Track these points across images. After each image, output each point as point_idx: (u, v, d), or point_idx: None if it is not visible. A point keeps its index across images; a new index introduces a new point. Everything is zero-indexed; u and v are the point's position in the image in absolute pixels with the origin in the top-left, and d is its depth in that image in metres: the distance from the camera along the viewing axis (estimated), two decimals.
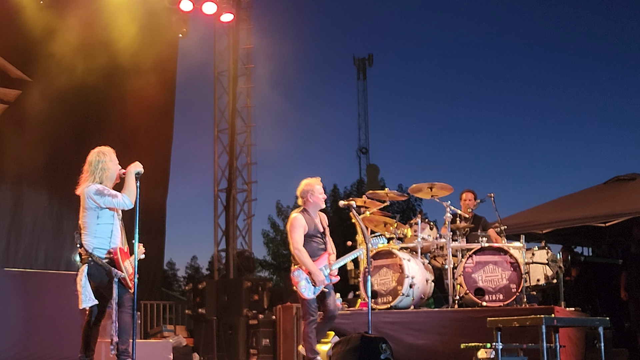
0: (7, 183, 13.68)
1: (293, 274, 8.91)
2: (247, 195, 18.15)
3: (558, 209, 15.23)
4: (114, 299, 7.69)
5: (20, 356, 10.49)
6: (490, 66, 57.12)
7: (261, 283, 15.52)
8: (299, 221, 8.98)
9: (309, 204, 9.18)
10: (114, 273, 7.68)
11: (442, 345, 9.73)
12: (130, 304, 7.80)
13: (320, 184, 9.28)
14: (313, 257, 8.93)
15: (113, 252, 7.76)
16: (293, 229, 8.96)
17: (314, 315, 8.89)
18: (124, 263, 7.79)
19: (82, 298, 7.67)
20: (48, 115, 13.55)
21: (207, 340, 14.88)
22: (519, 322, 8.01)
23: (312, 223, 9.09)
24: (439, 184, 10.90)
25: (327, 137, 53.00)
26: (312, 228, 9.06)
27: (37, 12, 13.79)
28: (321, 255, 9.06)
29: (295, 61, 35.94)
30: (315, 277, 8.83)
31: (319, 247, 9.09)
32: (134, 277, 7.79)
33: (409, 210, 30.48)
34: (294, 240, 8.95)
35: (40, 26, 13.68)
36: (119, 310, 7.72)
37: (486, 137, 56.05)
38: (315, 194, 9.16)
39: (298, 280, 8.86)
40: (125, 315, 7.77)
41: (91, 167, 7.95)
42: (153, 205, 10.41)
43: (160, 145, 16.21)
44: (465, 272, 10.17)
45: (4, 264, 13.17)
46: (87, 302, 7.69)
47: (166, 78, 16.29)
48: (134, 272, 7.82)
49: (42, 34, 13.64)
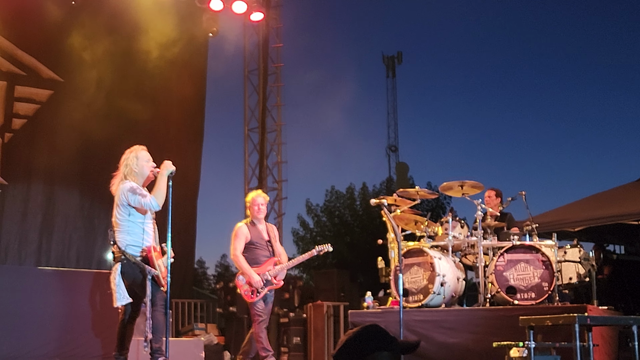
0: (40, 183, 13.80)
1: (237, 279, 9.61)
2: (277, 194, 18.19)
3: (590, 206, 15.12)
4: (148, 297, 7.72)
5: (53, 354, 10.55)
6: (521, 64, 56.86)
7: (292, 281, 15.54)
8: (241, 230, 9.64)
9: (252, 215, 9.81)
10: (148, 270, 7.72)
11: (474, 343, 9.68)
12: (162, 302, 7.83)
13: (262, 196, 9.91)
14: (256, 264, 9.57)
15: (147, 250, 7.80)
16: (234, 237, 9.61)
17: (262, 315, 9.60)
18: (157, 261, 7.83)
19: (117, 296, 7.70)
20: (79, 115, 13.65)
21: (238, 338, 14.88)
22: (552, 320, 7.96)
23: (256, 232, 9.69)
24: (470, 182, 10.84)
25: (357, 136, 52.95)
26: (255, 237, 9.66)
27: (69, 12, 13.90)
28: (265, 261, 9.67)
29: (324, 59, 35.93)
30: (250, 279, 9.42)
31: (262, 254, 9.68)
32: (167, 276, 7.82)
33: (438, 209, 30.36)
34: (233, 247, 9.63)
35: (71, 26, 13.78)
36: (153, 309, 7.75)
37: (516, 135, 55.78)
38: (252, 207, 9.80)
39: (242, 284, 9.57)
40: (158, 313, 7.80)
41: (124, 166, 8.01)
42: (184, 204, 10.45)
43: (192, 144, 16.27)
44: (497, 270, 10.11)
45: (37, 262, 13.29)
46: (121, 301, 7.73)
47: (197, 77, 16.35)
48: (166, 271, 7.85)
49: (73, 34, 13.74)
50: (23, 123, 13.81)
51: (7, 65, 13.71)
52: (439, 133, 58.93)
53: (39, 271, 11.61)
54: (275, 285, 9.69)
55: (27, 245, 13.56)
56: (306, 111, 41.41)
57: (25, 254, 13.50)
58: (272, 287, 9.65)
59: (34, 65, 13.99)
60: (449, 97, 58.68)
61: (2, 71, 13.67)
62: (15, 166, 13.58)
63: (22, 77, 13.87)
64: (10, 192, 13.46)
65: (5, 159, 13.50)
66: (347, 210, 31.93)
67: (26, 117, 13.85)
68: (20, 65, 13.82)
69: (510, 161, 56.22)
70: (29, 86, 13.91)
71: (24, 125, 13.80)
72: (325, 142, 44.98)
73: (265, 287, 9.56)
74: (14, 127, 13.70)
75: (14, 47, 13.69)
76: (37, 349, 10.37)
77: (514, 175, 53.07)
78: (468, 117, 56.67)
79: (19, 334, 10.17)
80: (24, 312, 10.27)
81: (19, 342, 10.20)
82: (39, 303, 10.47)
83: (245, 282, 9.48)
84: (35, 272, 11.61)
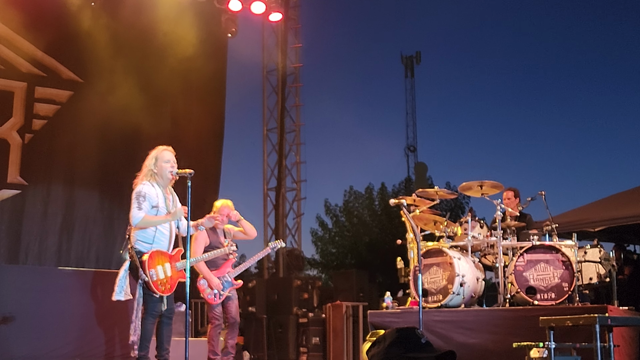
0: (59, 183, 13.84)
1: (198, 283, 9.68)
2: (296, 194, 18.21)
3: (610, 206, 15.06)
4: (136, 300, 7.79)
5: (74, 354, 10.61)
6: (541, 65, 56.69)
7: (311, 281, 15.58)
8: (201, 235, 9.71)
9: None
10: (139, 274, 7.75)
11: (494, 344, 9.65)
12: (153, 311, 7.83)
13: (228, 206, 10.01)
14: (215, 267, 9.72)
15: (147, 254, 7.81)
16: (194, 241, 9.63)
17: (219, 319, 9.74)
18: (156, 267, 7.81)
19: (116, 290, 7.85)
20: (99, 116, 13.70)
21: (257, 339, 14.95)
22: (572, 321, 7.92)
23: (215, 237, 9.83)
24: (489, 182, 10.81)
25: (375, 136, 52.96)
26: (214, 241, 9.80)
27: (88, 13, 13.94)
28: (223, 264, 9.83)
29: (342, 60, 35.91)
30: (210, 282, 9.59)
31: (221, 257, 9.77)
32: (170, 282, 7.85)
33: (457, 209, 30.32)
34: (192, 251, 9.51)
35: (91, 27, 13.83)
36: (143, 316, 7.82)
37: (536, 134, 55.58)
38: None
39: (204, 288, 9.69)
40: (145, 321, 7.83)
41: (144, 167, 8.05)
42: (204, 204, 10.45)
43: (212, 144, 16.27)
44: (517, 270, 10.08)
45: (57, 263, 13.35)
46: (118, 295, 7.89)
47: (216, 77, 16.35)
48: (174, 276, 7.89)
49: (93, 34, 13.78)
50: (43, 124, 13.85)
51: (27, 67, 13.77)
52: (457, 133, 58.80)
53: (59, 271, 11.66)
54: (236, 285, 9.89)
55: (47, 245, 13.60)
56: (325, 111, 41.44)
57: (46, 254, 13.54)
58: (232, 287, 9.85)
59: (54, 66, 14.04)
60: (467, 97, 58.53)
61: (22, 72, 13.73)
62: (35, 167, 13.63)
63: (42, 78, 13.91)
64: (31, 193, 13.52)
65: (26, 159, 13.56)
66: (366, 211, 31.91)
67: (46, 118, 13.89)
68: (40, 66, 13.88)
69: (530, 161, 56.01)
70: (49, 87, 13.95)
71: (44, 126, 13.85)
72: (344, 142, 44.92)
73: (226, 289, 9.75)
74: (34, 127, 13.74)
75: (34, 49, 13.74)
76: (58, 348, 10.44)
77: (534, 175, 52.81)
78: (487, 117, 56.51)
79: (39, 334, 10.24)
80: (44, 312, 10.35)
81: (39, 342, 10.27)
82: (59, 303, 10.54)
83: (207, 285, 9.65)
84: (55, 272, 11.67)
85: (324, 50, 18.83)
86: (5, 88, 13.59)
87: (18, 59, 13.68)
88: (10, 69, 13.60)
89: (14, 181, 13.44)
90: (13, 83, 13.67)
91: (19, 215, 13.41)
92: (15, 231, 13.35)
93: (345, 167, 54.07)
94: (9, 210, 13.34)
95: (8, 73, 13.60)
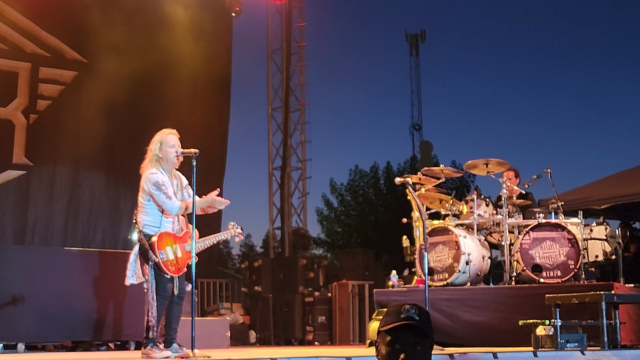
0: (65, 163, 13.85)
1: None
2: (301, 173, 18.18)
3: (616, 184, 15.03)
4: (149, 282, 7.78)
5: (81, 334, 10.62)
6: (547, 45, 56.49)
7: (316, 260, 15.58)
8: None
9: None
10: (149, 255, 7.74)
11: (500, 322, 9.67)
12: (164, 292, 7.83)
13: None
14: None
15: (156, 235, 7.80)
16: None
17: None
18: (165, 248, 7.81)
19: (128, 274, 7.82)
20: (104, 96, 13.65)
21: (264, 318, 14.98)
22: (578, 298, 7.94)
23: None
24: (495, 160, 10.79)
25: (380, 114, 52.90)
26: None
27: None
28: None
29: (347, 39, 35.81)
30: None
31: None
32: (180, 263, 7.84)
33: (462, 187, 30.27)
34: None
35: (95, 7, 13.78)
36: (156, 297, 7.82)
37: (541, 113, 55.49)
38: None
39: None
40: (157, 302, 7.82)
41: (149, 151, 8.00)
42: (209, 184, 10.39)
43: (217, 123, 16.25)
44: (522, 248, 10.08)
45: (63, 243, 13.37)
46: (130, 279, 7.84)
47: (221, 57, 16.31)
48: (183, 258, 7.88)
49: (97, 14, 13.73)
50: (48, 104, 13.84)
51: (32, 47, 13.74)
52: (462, 111, 58.81)
53: (65, 252, 11.66)
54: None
55: (53, 226, 13.64)
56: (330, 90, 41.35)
57: (52, 234, 13.58)
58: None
59: (58, 47, 14.01)
60: (472, 75, 58.46)
61: (27, 52, 13.71)
62: (40, 147, 13.64)
63: (47, 58, 13.89)
64: (36, 174, 13.54)
65: (31, 140, 13.56)
66: (372, 190, 31.93)
67: (51, 99, 13.88)
68: (44, 46, 13.85)
69: (536, 139, 55.92)
70: (54, 67, 13.94)
71: (48, 107, 13.84)
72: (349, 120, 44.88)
73: None
74: (38, 108, 13.74)
75: (38, 29, 13.72)
76: (64, 329, 10.45)
77: (539, 153, 52.78)
78: (492, 95, 56.42)
79: (45, 314, 10.24)
80: (51, 293, 10.33)
81: (46, 322, 10.27)
82: (65, 283, 10.53)
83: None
84: (61, 252, 11.67)
85: (328, 29, 18.94)
86: (10, 69, 13.59)
87: (22, 39, 13.67)
88: (14, 49, 13.59)
89: (20, 162, 13.46)
90: (17, 64, 13.66)
91: (24, 196, 13.44)
92: (22, 212, 13.39)
93: (351, 146, 54.13)
94: (14, 191, 13.36)
95: (12, 53, 13.59)
